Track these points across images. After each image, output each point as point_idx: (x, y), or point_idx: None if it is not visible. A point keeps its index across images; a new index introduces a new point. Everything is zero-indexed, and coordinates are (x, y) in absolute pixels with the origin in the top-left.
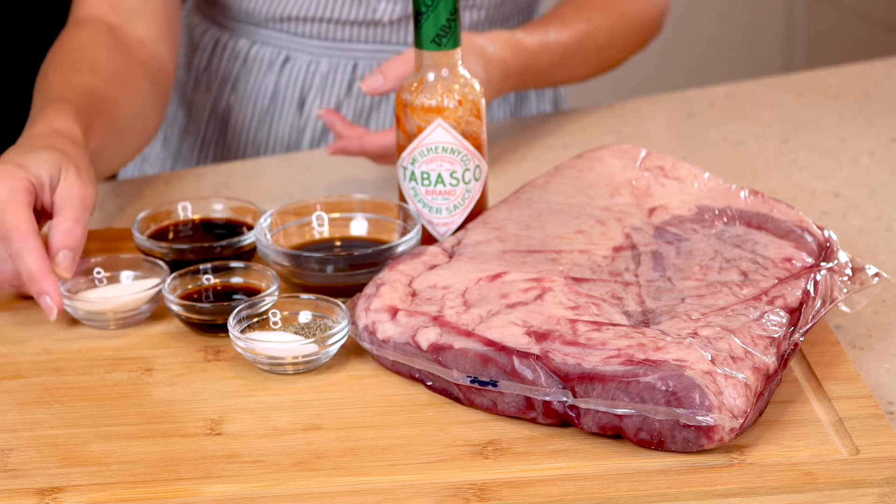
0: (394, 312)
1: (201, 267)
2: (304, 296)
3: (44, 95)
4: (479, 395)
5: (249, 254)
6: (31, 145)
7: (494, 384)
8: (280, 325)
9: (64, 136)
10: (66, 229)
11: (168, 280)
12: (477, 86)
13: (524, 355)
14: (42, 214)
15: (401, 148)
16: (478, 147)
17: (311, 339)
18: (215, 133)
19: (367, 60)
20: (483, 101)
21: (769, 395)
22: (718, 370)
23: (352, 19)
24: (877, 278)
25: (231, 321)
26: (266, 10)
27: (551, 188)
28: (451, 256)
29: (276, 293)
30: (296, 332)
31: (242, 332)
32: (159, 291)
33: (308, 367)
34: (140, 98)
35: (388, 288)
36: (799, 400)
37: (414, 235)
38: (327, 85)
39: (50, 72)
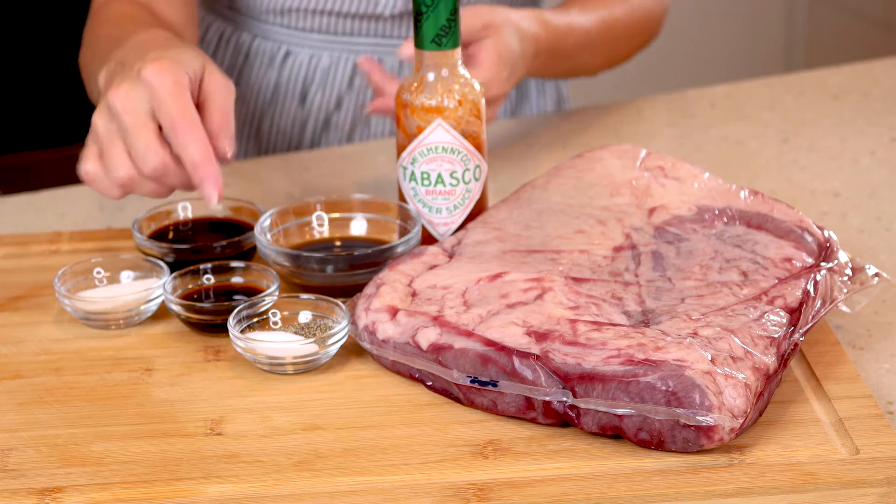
0: (394, 312)
1: (201, 267)
2: (304, 296)
3: (117, 39)
4: (479, 395)
5: (249, 254)
6: (166, 45)
7: (494, 384)
8: (280, 325)
9: (179, 40)
10: (229, 117)
11: (168, 280)
12: (477, 86)
13: (524, 355)
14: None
15: (401, 148)
16: (478, 147)
17: (311, 339)
18: None
19: (368, 54)
20: (483, 101)
21: (769, 395)
22: (718, 370)
23: (352, 12)
24: (877, 278)
25: (231, 321)
26: (268, 2)
27: (551, 188)
28: (451, 256)
29: (277, 293)
30: (296, 332)
31: (242, 332)
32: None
33: (308, 367)
34: None
35: (388, 288)
36: (799, 400)
37: (414, 235)
38: (328, 79)
39: (105, 36)
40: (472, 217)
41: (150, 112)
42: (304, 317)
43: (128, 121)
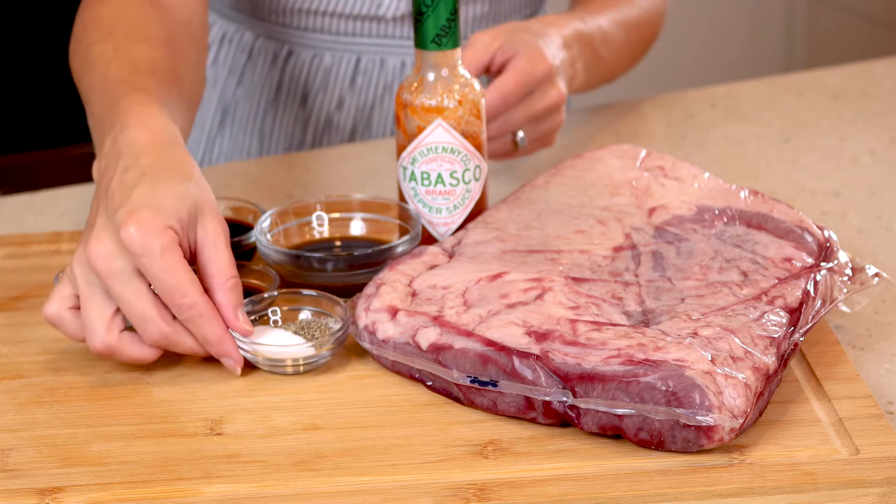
0: (394, 312)
1: None
2: (306, 292)
3: (105, 76)
4: (479, 395)
5: (250, 254)
6: (155, 173)
7: (494, 384)
8: (280, 323)
9: (174, 146)
10: (233, 286)
11: None
12: (477, 86)
13: (524, 355)
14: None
15: (401, 148)
16: (478, 147)
17: (311, 343)
18: (220, 127)
19: (371, 55)
20: (483, 101)
21: (769, 395)
22: (718, 370)
23: (355, 13)
24: (877, 278)
25: None
26: (271, 2)
27: (551, 188)
28: (451, 256)
29: (276, 292)
30: (296, 332)
31: None
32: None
33: (308, 368)
34: (191, 63)
35: (388, 288)
36: (799, 400)
37: (414, 235)
38: (330, 79)
39: (95, 45)
40: (472, 217)
41: (137, 271)
42: (305, 315)
43: (117, 289)
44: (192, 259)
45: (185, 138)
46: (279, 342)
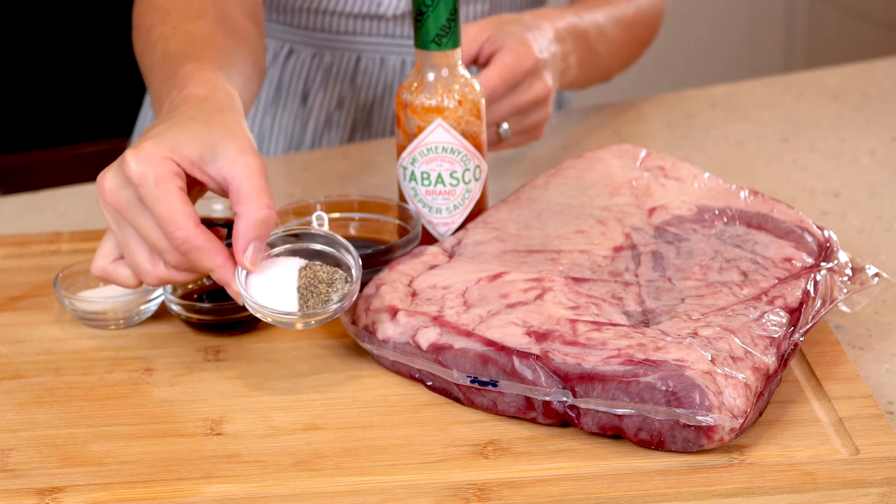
0: (394, 312)
1: None
2: (337, 238)
3: (165, 52)
4: (479, 395)
5: None
6: (181, 117)
7: (494, 384)
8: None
9: (217, 99)
10: (262, 218)
11: None
12: (477, 86)
13: (524, 355)
14: (195, 188)
15: (401, 148)
16: (478, 147)
17: (296, 313)
18: None
19: (371, 54)
20: (483, 101)
21: (769, 395)
22: (718, 370)
23: (356, 12)
24: (877, 278)
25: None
26: (271, 0)
27: (551, 188)
28: (451, 256)
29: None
30: (300, 285)
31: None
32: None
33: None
34: (247, 38)
35: (388, 288)
36: (799, 400)
37: (414, 235)
38: (330, 78)
39: (155, 27)
40: (472, 217)
41: (142, 202)
42: (320, 267)
43: (131, 220)
44: (226, 195)
45: (248, 103)
46: (270, 301)
